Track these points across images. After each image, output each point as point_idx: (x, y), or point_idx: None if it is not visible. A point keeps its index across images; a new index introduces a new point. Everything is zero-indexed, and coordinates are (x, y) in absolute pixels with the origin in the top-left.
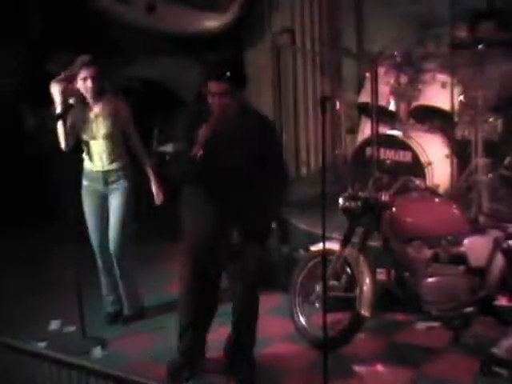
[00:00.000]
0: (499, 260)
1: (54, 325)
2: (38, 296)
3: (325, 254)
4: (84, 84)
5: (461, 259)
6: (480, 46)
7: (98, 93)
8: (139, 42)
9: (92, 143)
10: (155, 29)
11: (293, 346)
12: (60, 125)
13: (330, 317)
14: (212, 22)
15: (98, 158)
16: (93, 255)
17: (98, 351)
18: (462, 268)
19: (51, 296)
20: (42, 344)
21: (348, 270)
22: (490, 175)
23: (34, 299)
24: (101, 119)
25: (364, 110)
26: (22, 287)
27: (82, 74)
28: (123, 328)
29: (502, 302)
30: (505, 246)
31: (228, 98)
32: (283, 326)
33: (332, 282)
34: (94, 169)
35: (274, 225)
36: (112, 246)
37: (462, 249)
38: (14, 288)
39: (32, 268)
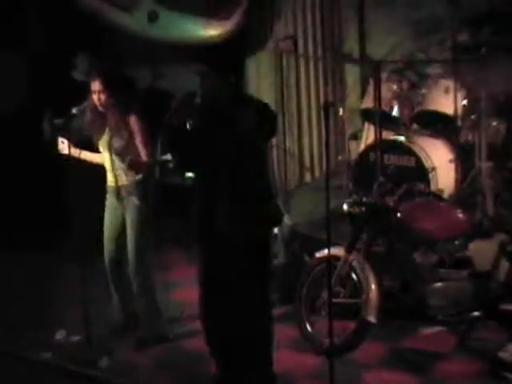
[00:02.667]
0: (504, 264)
1: (60, 334)
2: (44, 305)
3: (330, 260)
4: (96, 96)
5: (466, 263)
6: (482, 50)
7: (110, 105)
8: (143, 51)
9: (106, 157)
10: (158, 38)
11: (299, 353)
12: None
13: (336, 323)
14: (214, 30)
15: (111, 173)
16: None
17: (104, 361)
18: (467, 272)
19: (57, 305)
20: (49, 354)
21: (353, 276)
22: (494, 179)
23: (40, 309)
24: (112, 133)
25: (367, 115)
26: (28, 297)
27: (93, 86)
28: (130, 337)
29: (508, 306)
30: (510, 249)
31: (208, 78)
32: (289, 332)
33: (337, 289)
34: (110, 183)
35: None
36: (129, 263)
37: (467, 253)
38: (20, 297)
39: (39, 277)
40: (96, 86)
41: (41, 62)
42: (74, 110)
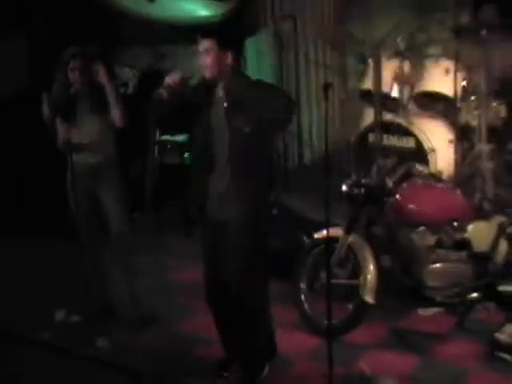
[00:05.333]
0: (503, 245)
1: (60, 314)
2: (43, 286)
3: (329, 241)
4: (73, 75)
5: (465, 245)
6: (483, 31)
7: (87, 84)
8: (139, 31)
9: (79, 134)
10: (156, 17)
11: (297, 334)
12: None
13: (335, 304)
14: (213, 10)
15: (83, 150)
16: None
17: (102, 341)
18: (465, 254)
19: (57, 286)
20: (47, 334)
21: (352, 256)
22: (494, 160)
23: (39, 289)
24: (88, 110)
25: (367, 96)
26: (27, 277)
27: (71, 64)
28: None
29: (506, 287)
30: (509, 231)
31: (211, 57)
32: (287, 313)
33: (336, 269)
34: (80, 161)
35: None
36: (115, 244)
37: (466, 235)
38: (19, 278)
39: (38, 258)
40: (76, 64)
41: (39, 45)
42: (72, 90)
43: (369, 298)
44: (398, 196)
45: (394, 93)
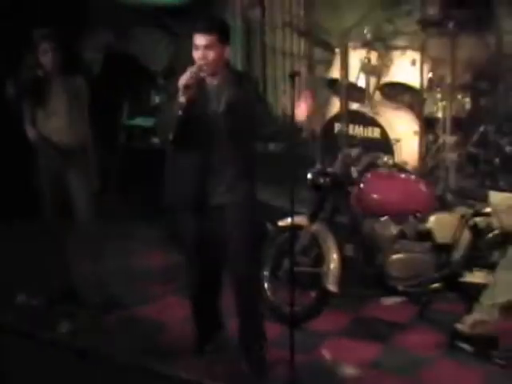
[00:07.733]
0: (465, 237)
1: (21, 297)
2: (5, 268)
3: (293, 229)
4: (44, 57)
5: (427, 236)
6: (450, 24)
7: (60, 66)
8: (107, 13)
9: (52, 119)
10: None
11: None
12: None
13: (298, 292)
14: None
15: (56, 135)
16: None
17: (65, 325)
18: (428, 244)
19: (18, 269)
20: (9, 317)
21: (315, 245)
22: (458, 152)
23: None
24: (61, 94)
25: (333, 85)
26: None
27: (43, 46)
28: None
29: (467, 278)
30: (471, 223)
31: (213, 52)
32: None
33: (299, 258)
34: (50, 145)
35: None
36: (79, 229)
37: (429, 225)
38: None
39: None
40: (47, 46)
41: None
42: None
43: (331, 287)
44: (362, 185)
45: (361, 82)
